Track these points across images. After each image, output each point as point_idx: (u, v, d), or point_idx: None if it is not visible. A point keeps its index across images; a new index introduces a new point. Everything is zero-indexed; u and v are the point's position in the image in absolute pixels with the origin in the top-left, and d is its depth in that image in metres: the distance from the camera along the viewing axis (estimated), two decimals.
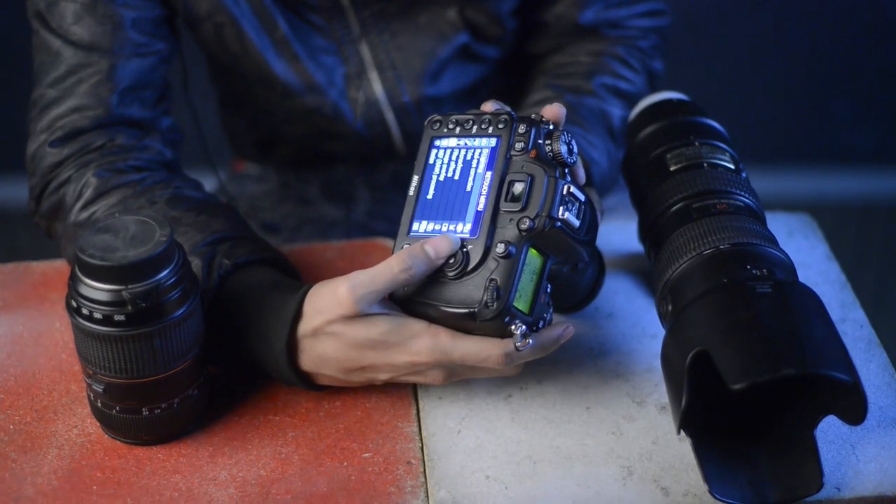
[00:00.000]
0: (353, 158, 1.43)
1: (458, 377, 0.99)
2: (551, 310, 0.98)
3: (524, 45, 1.36)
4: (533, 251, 0.95)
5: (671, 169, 1.08)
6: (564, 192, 0.94)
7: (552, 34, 1.32)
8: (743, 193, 1.04)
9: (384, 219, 1.45)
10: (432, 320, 0.95)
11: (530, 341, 0.94)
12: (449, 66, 1.33)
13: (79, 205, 1.11)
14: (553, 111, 0.99)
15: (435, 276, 0.95)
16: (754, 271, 0.94)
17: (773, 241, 1.00)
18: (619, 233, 1.22)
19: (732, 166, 1.07)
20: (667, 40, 1.35)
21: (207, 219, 1.07)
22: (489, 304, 0.92)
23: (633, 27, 1.32)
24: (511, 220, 0.94)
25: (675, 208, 1.04)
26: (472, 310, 0.93)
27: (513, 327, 0.93)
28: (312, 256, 1.21)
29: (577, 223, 0.95)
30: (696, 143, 1.09)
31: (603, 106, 1.25)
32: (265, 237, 1.31)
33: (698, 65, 2.46)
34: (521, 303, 0.94)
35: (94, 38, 1.14)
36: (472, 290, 0.93)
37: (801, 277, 0.99)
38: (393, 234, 0.99)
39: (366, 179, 1.45)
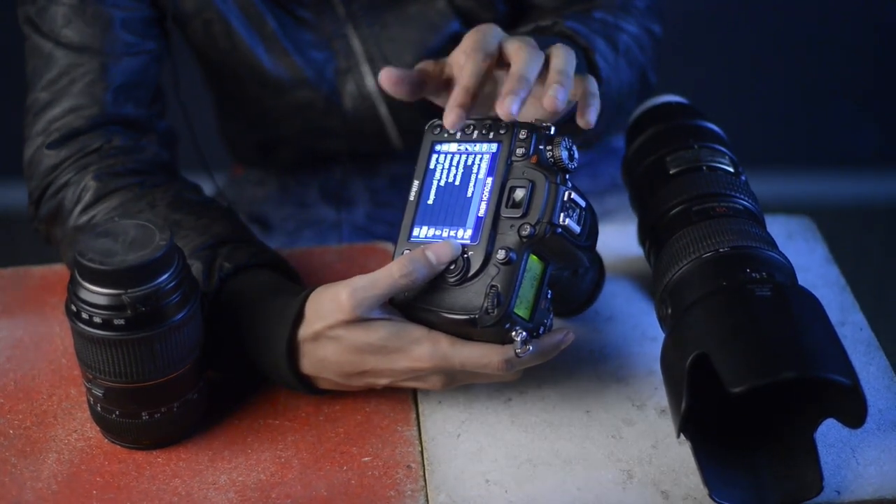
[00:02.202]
0: (351, 158, 1.43)
1: (458, 383, 0.99)
2: (551, 315, 0.98)
3: (519, 27, 1.34)
4: (533, 257, 0.95)
5: (670, 172, 1.08)
6: (565, 198, 0.94)
7: (547, 12, 1.29)
8: (742, 196, 1.04)
9: (383, 222, 1.45)
10: (433, 326, 0.95)
11: (530, 347, 0.94)
12: (441, 57, 1.32)
13: (78, 209, 1.11)
14: (503, 112, 0.94)
15: (436, 282, 0.95)
16: (754, 274, 0.94)
17: (772, 244, 1.00)
18: (619, 236, 1.22)
19: (732, 169, 1.07)
20: (661, 6, 1.32)
21: (208, 222, 1.07)
22: (490, 311, 0.92)
23: None
24: (512, 226, 0.94)
25: (674, 211, 1.04)
26: (472, 316, 0.93)
27: (513, 334, 0.93)
28: (311, 259, 1.21)
29: (577, 229, 0.95)
30: (696, 147, 1.09)
31: (606, 30, 1.19)
32: (263, 235, 1.31)
33: (698, 68, 2.46)
34: (522, 309, 0.94)
35: (84, 40, 1.14)
36: (472, 297, 0.93)
37: (801, 280, 0.99)
38: (392, 238, 0.99)
39: (364, 182, 1.45)
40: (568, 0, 1.28)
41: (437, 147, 1.00)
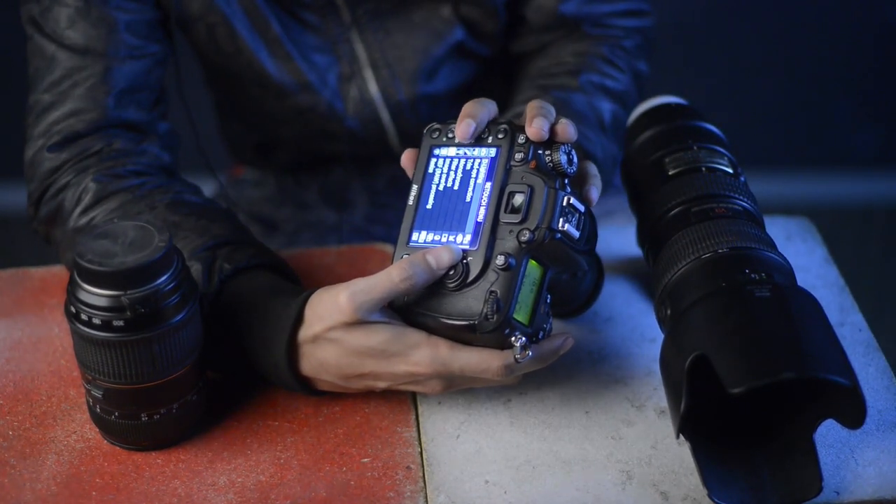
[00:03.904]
0: (351, 160, 1.43)
1: (457, 387, 0.99)
2: (551, 320, 0.98)
3: (509, 46, 1.35)
4: (533, 262, 0.95)
5: (669, 173, 1.08)
6: (564, 203, 0.94)
7: (534, 30, 1.30)
8: (741, 197, 1.04)
9: (382, 223, 1.45)
10: (432, 331, 0.95)
11: (530, 353, 0.94)
12: (444, 65, 1.33)
13: (78, 210, 1.11)
14: (534, 131, 0.96)
15: (435, 287, 0.94)
16: (753, 275, 0.94)
17: (771, 244, 1.00)
18: (618, 237, 1.22)
19: (731, 170, 1.07)
20: (651, 42, 1.33)
21: (207, 223, 1.07)
22: (489, 317, 0.92)
23: (616, 26, 1.30)
24: (511, 231, 0.94)
25: (673, 212, 1.04)
26: (472, 322, 0.93)
27: (513, 339, 0.93)
28: (311, 261, 1.21)
29: (576, 234, 0.95)
30: (695, 148, 1.09)
31: (592, 101, 1.22)
32: (263, 236, 1.30)
33: (696, 68, 2.46)
34: (521, 314, 0.94)
35: (88, 42, 1.14)
36: (472, 303, 0.93)
37: (800, 281, 0.99)
38: (390, 239, 0.99)
39: (363, 184, 1.45)
40: (554, 21, 1.29)
41: (436, 151, 1.00)
